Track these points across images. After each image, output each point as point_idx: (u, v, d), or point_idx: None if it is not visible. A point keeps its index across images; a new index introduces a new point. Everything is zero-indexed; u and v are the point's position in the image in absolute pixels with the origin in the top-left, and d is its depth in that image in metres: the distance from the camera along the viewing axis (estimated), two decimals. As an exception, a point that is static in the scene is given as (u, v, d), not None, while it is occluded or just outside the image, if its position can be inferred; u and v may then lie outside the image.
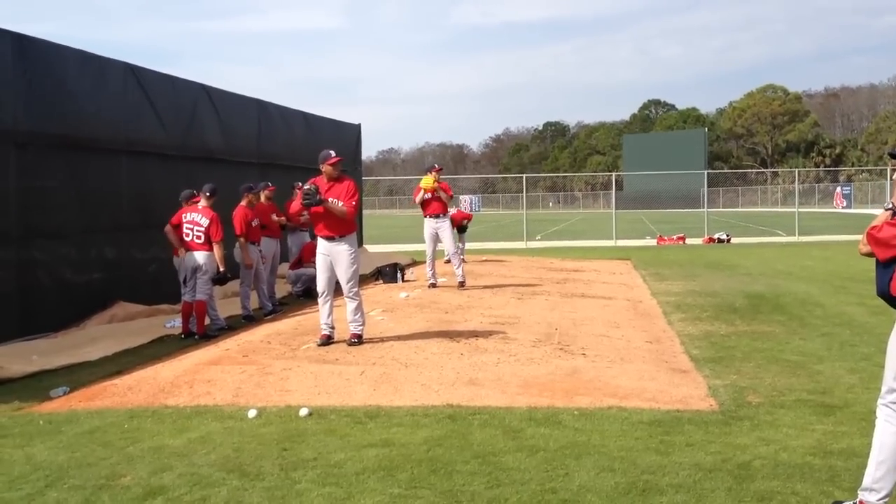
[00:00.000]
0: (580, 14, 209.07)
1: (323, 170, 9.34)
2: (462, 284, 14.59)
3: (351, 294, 9.34)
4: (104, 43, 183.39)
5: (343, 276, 9.34)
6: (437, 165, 15.64)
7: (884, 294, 4.35)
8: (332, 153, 9.32)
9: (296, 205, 9.63)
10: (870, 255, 4.35)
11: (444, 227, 14.67)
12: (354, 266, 9.41)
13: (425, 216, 14.72)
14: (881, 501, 4.31)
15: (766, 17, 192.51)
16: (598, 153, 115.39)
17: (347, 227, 9.29)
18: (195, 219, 10.58)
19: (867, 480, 4.36)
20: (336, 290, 9.52)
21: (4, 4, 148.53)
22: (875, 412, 4.44)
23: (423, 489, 4.95)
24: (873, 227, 4.32)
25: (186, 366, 8.47)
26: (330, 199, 9.07)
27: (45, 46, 11.04)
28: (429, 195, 14.51)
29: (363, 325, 9.44)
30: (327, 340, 9.31)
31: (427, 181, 14.57)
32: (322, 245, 9.35)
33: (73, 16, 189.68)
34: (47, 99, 10.90)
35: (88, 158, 11.78)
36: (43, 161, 10.82)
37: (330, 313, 9.43)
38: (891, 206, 4.35)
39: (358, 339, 9.25)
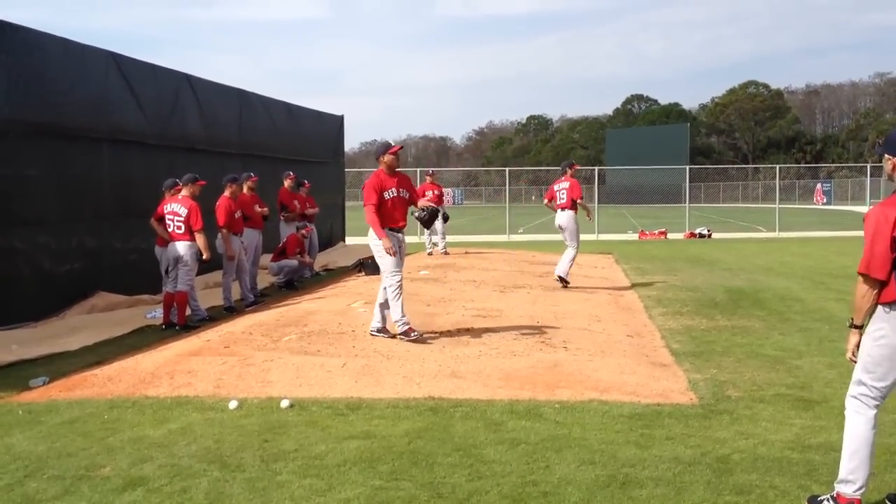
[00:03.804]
0: (564, 7, 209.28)
1: (386, 161, 8.99)
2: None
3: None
4: (85, 30, 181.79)
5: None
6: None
7: None
8: (393, 142, 9.15)
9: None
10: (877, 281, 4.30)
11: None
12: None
13: None
14: (857, 493, 4.36)
15: (750, 13, 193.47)
16: (581, 147, 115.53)
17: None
18: (175, 209, 10.54)
19: (842, 472, 4.41)
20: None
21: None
22: (848, 404, 4.49)
23: (404, 481, 4.96)
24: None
25: (167, 356, 8.43)
26: (402, 193, 9.04)
27: (26, 33, 10.94)
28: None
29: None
30: (417, 332, 8.99)
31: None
32: (395, 237, 9.08)
33: (54, 2, 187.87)
34: (28, 86, 10.81)
35: (69, 147, 11.70)
36: (23, 149, 10.73)
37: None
38: None
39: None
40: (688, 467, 5.13)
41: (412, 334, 8.88)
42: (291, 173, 15.80)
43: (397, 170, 9.16)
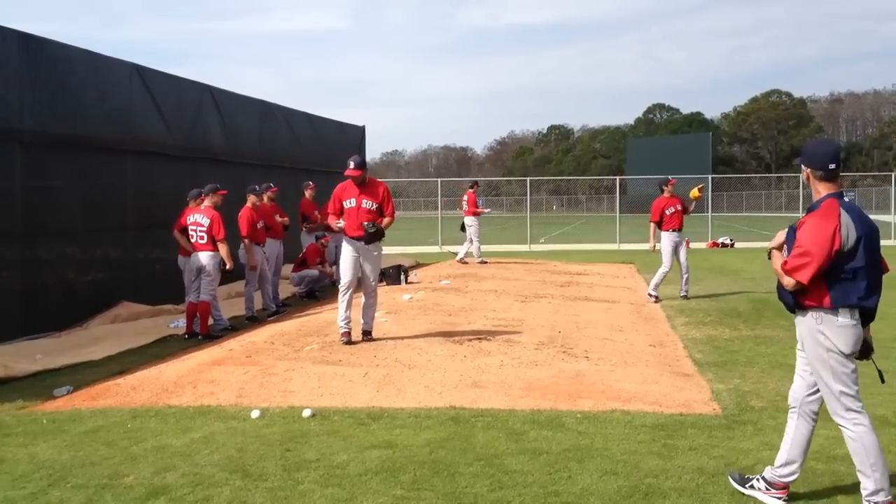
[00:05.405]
0: (585, 17, 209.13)
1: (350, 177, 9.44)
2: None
3: (374, 291, 9.70)
4: (111, 43, 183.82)
5: (371, 275, 9.59)
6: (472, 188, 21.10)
7: (789, 303, 4.58)
8: (351, 164, 9.37)
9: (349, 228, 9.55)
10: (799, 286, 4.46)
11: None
12: (380, 263, 9.98)
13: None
14: (889, 496, 4.39)
15: (773, 22, 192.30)
16: (603, 157, 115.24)
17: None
18: (197, 219, 10.60)
19: (872, 485, 4.39)
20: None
21: (11, 4, 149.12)
22: (842, 423, 4.51)
23: (426, 491, 4.95)
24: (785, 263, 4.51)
25: (190, 366, 8.48)
26: (365, 204, 9.38)
27: (52, 46, 11.07)
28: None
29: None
30: (349, 338, 9.39)
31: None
32: (353, 244, 9.45)
33: (80, 15, 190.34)
34: (53, 98, 10.93)
35: (93, 158, 11.82)
36: (48, 160, 10.85)
37: (349, 308, 9.53)
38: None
39: (371, 335, 9.58)
40: (711, 478, 5.09)
41: (342, 339, 9.36)
42: (312, 183, 15.85)
43: (372, 179, 9.69)
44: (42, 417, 6.86)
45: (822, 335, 4.46)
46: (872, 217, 4.78)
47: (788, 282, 4.49)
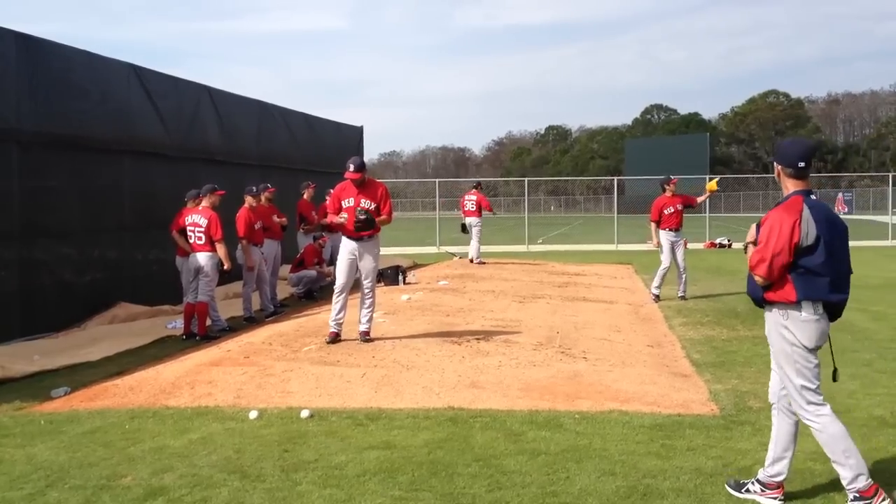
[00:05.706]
0: (584, 17, 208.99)
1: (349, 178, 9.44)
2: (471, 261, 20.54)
3: (372, 292, 9.66)
4: (110, 43, 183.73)
5: (369, 275, 9.60)
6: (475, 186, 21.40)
7: (757, 298, 4.73)
8: (351, 166, 9.36)
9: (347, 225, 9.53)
10: (766, 280, 4.61)
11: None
12: (378, 265, 9.94)
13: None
14: (869, 479, 4.46)
15: (772, 23, 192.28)
16: (600, 157, 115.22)
17: (377, 227, 9.58)
18: (195, 220, 10.59)
19: (850, 473, 4.47)
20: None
21: (10, 4, 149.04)
22: (806, 416, 4.63)
23: (424, 491, 4.95)
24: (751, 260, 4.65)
25: (188, 367, 8.47)
26: (364, 204, 9.36)
27: (49, 46, 11.06)
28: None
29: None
30: (336, 338, 9.40)
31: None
32: (350, 244, 9.48)
33: (80, 16, 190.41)
34: (51, 99, 10.93)
35: (91, 158, 11.81)
36: (46, 161, 10.84)
37: (342, 310, 9.52)
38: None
39: (368, 336, 9.55)
40: (709, 478, 5.10)
41: (327, 338, 9.40)
42: (311, 183, 15.84)
43: (371, 180, 9.68)
44: (40, 418, 6.85)
45: (787, 330, 4.56)
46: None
47: (757, 278, 4.61)
